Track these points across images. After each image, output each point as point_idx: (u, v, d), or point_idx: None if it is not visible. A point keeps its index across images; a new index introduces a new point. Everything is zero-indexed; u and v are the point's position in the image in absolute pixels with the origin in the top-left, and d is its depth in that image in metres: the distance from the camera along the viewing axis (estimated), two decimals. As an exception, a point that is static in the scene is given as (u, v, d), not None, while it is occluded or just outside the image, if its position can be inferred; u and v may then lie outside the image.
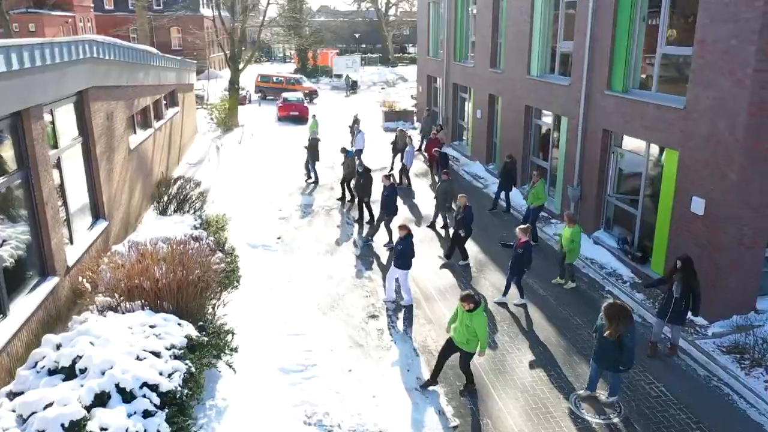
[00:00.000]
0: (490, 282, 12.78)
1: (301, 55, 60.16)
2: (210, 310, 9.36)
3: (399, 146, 21.56)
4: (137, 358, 6.69)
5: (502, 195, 17.51)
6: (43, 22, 42.37)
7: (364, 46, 75.99)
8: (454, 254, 13.80)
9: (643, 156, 12.89)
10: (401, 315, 11.36)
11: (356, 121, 25.41)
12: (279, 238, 15.34)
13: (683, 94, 11.27)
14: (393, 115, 32.45)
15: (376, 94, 46.08)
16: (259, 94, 42.77)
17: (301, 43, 55.45)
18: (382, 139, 27.00)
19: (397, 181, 20.01)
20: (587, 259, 13.75)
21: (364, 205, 16.42)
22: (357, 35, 70.93)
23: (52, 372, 6.52)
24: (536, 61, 17.42)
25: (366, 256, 14.27)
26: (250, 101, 41.98)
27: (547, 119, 17.51)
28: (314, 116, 26.42)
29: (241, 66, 30.41)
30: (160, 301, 8.90)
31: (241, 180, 20.34)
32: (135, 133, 16.43)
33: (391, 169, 21.60)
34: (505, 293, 11.79)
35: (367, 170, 16.41)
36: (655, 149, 12.57)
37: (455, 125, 26.16)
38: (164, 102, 21.02)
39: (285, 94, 37.07)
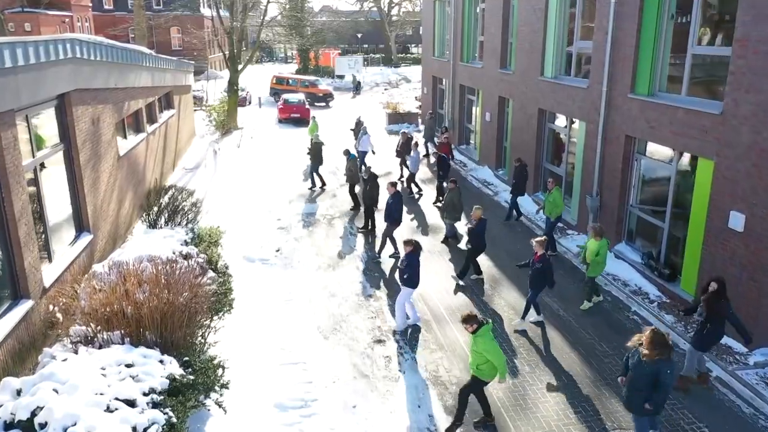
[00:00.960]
0: (507, 301, 11.80)
1: (303, 55, 59.25)
2: (199, 339, 8.41)
3: (404, 151, 20.66)
4: (107, 409, 5.74)
5: (509, 201, 16.61)
6: (39, 21, 41.50)
7: (366, 46, 75.08)
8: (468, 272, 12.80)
9: (670, 164, 11.92)
10: (410, 339, 10.40)
11: (359, 123, 24.47)
12: (278, 250, 14.39)
13: (719, 99, 10.30)
14: (397, 118, 31.49)
15: (379, 96, 45.13)
16: (274, 97, 41.34)
17: (303, 43, 54.48)
18: (385, 142, 26.05)
19: (407, 188, 19.19)
20: (609, 274, 12.77)
21: (370, 213, 15.51)
22: (359, 35, 69.93)
23: (8, 426, 5.57)
24: (550, 62, 16.45)
25: (371, 270, 13.31)
26: (250, 102, 41.08)
27: (562, 123, 16.54)
28: (314, 118, 25.43)
29: (240, 67, 29.45)
30: (142, 330, 7.97)
31: (239, 186, 19.40)
32: (125, 138, 15.51)
33: (401, 176, 20.65)
34: (524, 316, 10.81)
35: (374, 176, 15.48)
36: (685, 157, 11.59)
37: (462, 128, 25.20)
38: (159, 104, 20.09)
39: (285, 95, 36.14)
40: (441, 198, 17.77)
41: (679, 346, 10.06)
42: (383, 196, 14.73)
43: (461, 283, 12.52)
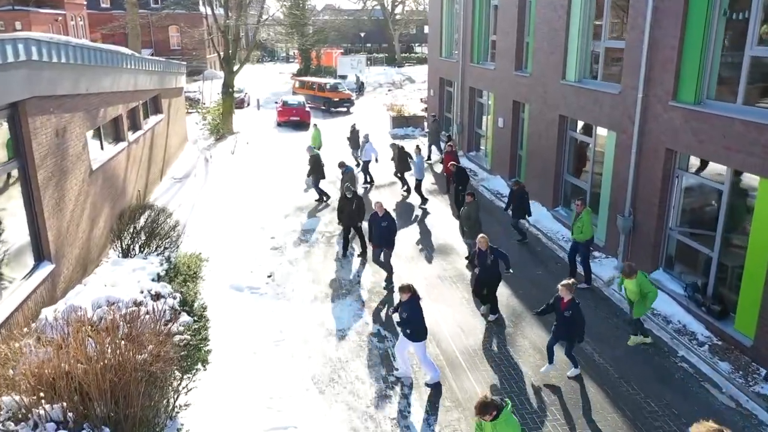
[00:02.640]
0: (531, 342, 10.20)
1: (305, 55, 57.65)
2: (164, 409, 6.84)
3: (398, 162, 18.98)
4: None
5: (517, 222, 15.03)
6: (30, 20, 39.98)
7: (369, 45, 73.47)
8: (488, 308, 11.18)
9: (721, 184, 10.31)
10: (420, 393, 8.81)
11: (354, 131, 22.80)
12: (270, 276, 12.81)
13: (788, 109, 8.69)
14: (401, 121, 29.89)
15: (383, 97, 43.49)
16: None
17: (303, 43, 52.88)
18: (389, 148, 24.42)
19: (418, 196, 17.73)
20: (646, 308, 11.15)
21: (355, 232, 13.98)
22: (362, 34, 68.36)
23: None
24: (574, 64, 14.82)
25: (375, 301, 11.73)
26: (248, 104, 39.52)
27: (587, 132, 14.92)
28: (315, 126, 23.84)
29: (236, 68, 27.86)
30: (89, 401, 6.43)
31: (230, 199, 17.82)
32: (102, 148, 13.96)
33: (404, 186, 19.10)
34: (551, 360, 9.21)
35: (357, 194, 13.97)
36: (741, 175, 9.98)
37: (472, 134, 23.58)
38: (144, 109, 18.54)
39: (285, 98, 34.59)
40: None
41: (741, 404, 8.45)
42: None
43: (491, 318, 10.95)
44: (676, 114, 10.91)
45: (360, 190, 18.55)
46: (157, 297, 8.53)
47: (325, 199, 17.96)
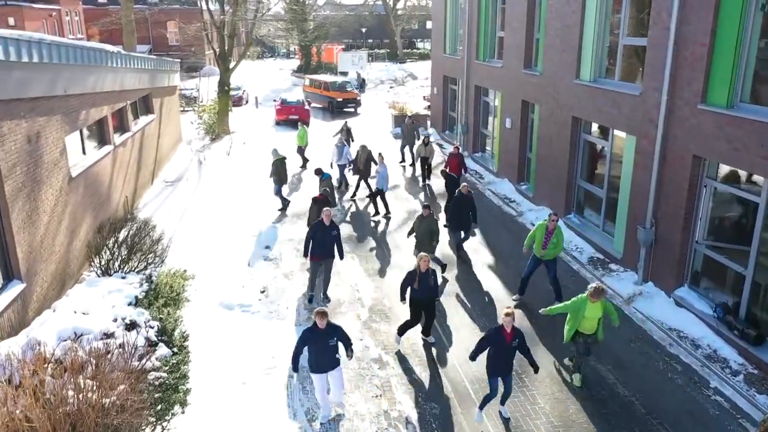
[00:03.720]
0: (548, 371, 9.27)
1: (305, 50, 56.65)
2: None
3: (364, 166, 17.49)
4: None
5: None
6: (24, 15, 39.03)
7: (371, 41, 72.40)
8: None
9: (757, 195, 9.37)
10: (429, 426, 7.91)
11: (344, 130, 21.73)
12: (263, 291, 11.90)
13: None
14: (404, 120, 28.82)
15: (384, 94, 42.48)
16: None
17: (303, 39, 51.87)
18: (392, 148, 23.48)
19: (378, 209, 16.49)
20: (672, 330, 10.25)
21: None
22: (364, 30, 67.28)
23: None
24: (589, 63, 13.86)
25: (376, 320, 10.82)
26: (247, 102, 38.56)
27: (603, 135, 13.98)
28: (301, 123, 22.79)
29: (231, 65, 26.90)
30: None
31: (223, 204, 16.89)
32: (84, 153, 13.05)
33: (354, 194, 18.05)
34: (483, 405, 8.27)
35: (326, 199, 13.12)
36: (778, 188, 9.05)
37: (477, 134, 22.62)
38: (133, 110, 17.62)
39: (284, 95, 33.67)
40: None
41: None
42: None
43: (430, 341, 10.01)
44: (706, 118, 9.96)
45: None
46: (131, 326, 7.65)
47: (284, 205, 16.68)
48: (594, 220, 14.43)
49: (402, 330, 9.94)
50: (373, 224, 15.90)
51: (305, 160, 21.37)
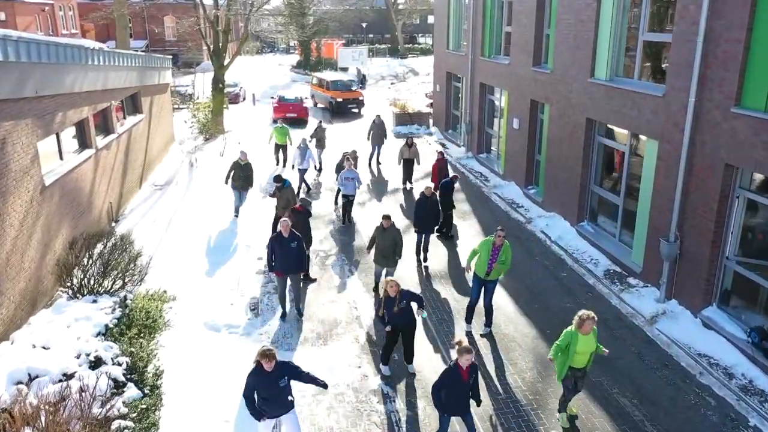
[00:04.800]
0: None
1: (304, 46, 55.57)
2: None
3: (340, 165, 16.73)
4: None
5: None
6: (15, 10, 37.98)
7: (371, 36, 71.27)
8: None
9: (799, 210, 8.43)
10: (432, 481, 7.00)
11: (318, 130, 20.55)
12: (253, 309, 10.96)
13: None
14: (405, 118, 27.92)
15: (385, 91, 41.43)
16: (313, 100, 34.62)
17: (301, 34, 50.80)
18: (393, 149, 22.48)
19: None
20: (700, 355, 9.31)
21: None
22: (364, 25, 66.15)
23: None
24: (605, 60, 12.89)
25: (376, 343, 9.89)
26: (244, 99, 37.54)
27: (621, 139, 13.02)
28: (277, 121, 21.88)
29: (226, 62, 25.89)
30: None
31: (214, 210, 15.91)
32: (61, 158, 12.11)
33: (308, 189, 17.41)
34: None
35: (307, 211, 12.21)
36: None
37: (482, 134, 21.64)
38: (119, 110, 16.66)
39: (282, 92, 32.65)
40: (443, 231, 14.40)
41: None
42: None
43: (411, 370, 9.07)
44: (741, 123, 9.00)
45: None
46: (96, 364, 6.72)
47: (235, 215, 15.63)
48: (609, 229, 13.49)
49: (385, 357, 9.00)
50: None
51: (283, 161, 20.30)
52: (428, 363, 9.28)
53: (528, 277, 12.22)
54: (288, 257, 10.26)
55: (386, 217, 11.09)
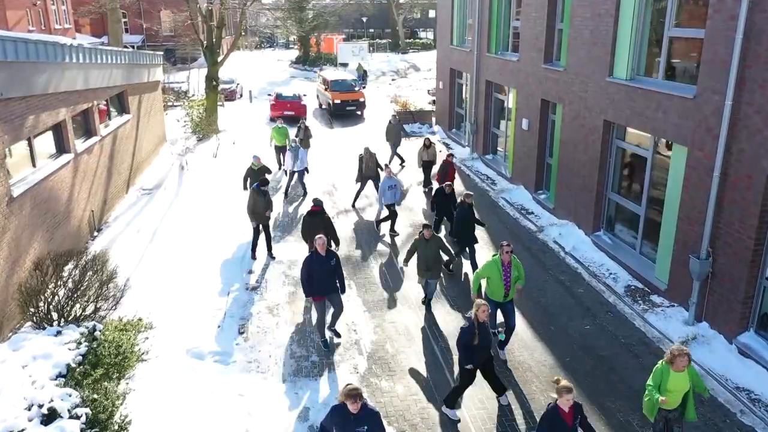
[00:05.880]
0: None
1: (304, 41, 54.47)
2: None
3: (368, 172, 15.90)
4: None
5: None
6: (5, 4, 36.80)
7: (372, 31, 70.12)
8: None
9: None
10: None
11: (300, 128, 19.52)
12: (242, 332, 10.01)
13: None
14: (407, 117, 26.87)
15: (386, 87, 40.34)
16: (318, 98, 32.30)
17: (300, 29, 49.69)
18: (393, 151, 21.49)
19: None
20: (739, 389, 8.34)
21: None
22: (364, 19, 65.01)
23: None
24: (625, 58, 11.87)
25: (377, 374, 8.93)
26: (241, 96, 36.50)
27: (644, 143, 12.02)
28: (276, 120, 20.88)
29: (220, 58, 24.86)
30: None
31: (204, 218, 14.91)
32: (34, 165, 11.12)
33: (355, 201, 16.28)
34: None
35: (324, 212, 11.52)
36: None
37: (488, 134, 20.62)
38: (104, 110, 15.66)
39: (279, 90, 31.63)
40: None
41: None
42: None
43: (503, 402, 8.12)
44: (787, 130, 8.00)
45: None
46: (51, 417, 5.74)
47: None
48: (628, 240, 12.51)
49: (453, 398, 8.00)
50: (375, 244, 13.97)
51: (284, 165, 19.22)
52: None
53: (542, 294, 11.24)
54: (328, 278, 9.32)
55: (427, 227, 10.47)
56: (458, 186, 17.94)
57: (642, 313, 10.46)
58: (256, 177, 14.13)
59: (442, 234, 13.63)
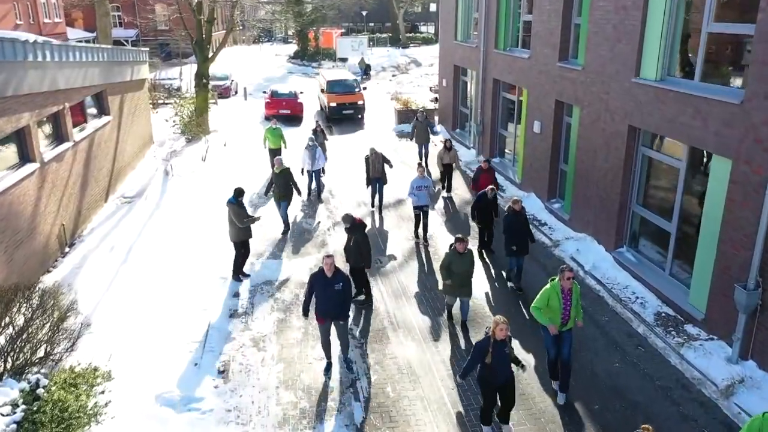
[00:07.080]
0: None
1: (302, 35, 53.04)
2: None
3: (375, 174, 14.99)
4: None
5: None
6: (-9, -2, 35.51)
7: (372, 25, 68.66)
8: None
9: None
10: None
11: (320, 131, 18.33)
12: (222, 371, 8.77)
13: None
14: (408, 115, 25.49)
15: (387, 83, 38.98)
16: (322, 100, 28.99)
17: (298, 23, 48.26)
18: (392, 148, 20.21)
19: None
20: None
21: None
22: (364, 13, 63.51)
23: None
24: (655, 56, 10.57)
25: (375, 425, 7.68)
26: (236, 93, 35.15)
27: (675, 152, 10.74)
28: (270, 120, 19.91)
29: (210, 54, 23.53)
30: None
31: (186, 232, 13.61)
32: (-10, 178, 9.87)
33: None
34: None
35: (361, 225, 10.42)
36: None
37: (495, 136, 19.33)
38: (77, 113, 14.36)
39: (275, 87, 30.30)
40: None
41: None
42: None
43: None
44: None
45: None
46: None
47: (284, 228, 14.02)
48: (655, 259, 11.26)
49: (485, 417, 7.31)
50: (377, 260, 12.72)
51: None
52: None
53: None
54: (330, 301, 8.32)
55: (460, 240, 9.39)
56: (464, 192, 16.70)
57: (677, 347, 9.20)
58: (277, 181, 13.47)
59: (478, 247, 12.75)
